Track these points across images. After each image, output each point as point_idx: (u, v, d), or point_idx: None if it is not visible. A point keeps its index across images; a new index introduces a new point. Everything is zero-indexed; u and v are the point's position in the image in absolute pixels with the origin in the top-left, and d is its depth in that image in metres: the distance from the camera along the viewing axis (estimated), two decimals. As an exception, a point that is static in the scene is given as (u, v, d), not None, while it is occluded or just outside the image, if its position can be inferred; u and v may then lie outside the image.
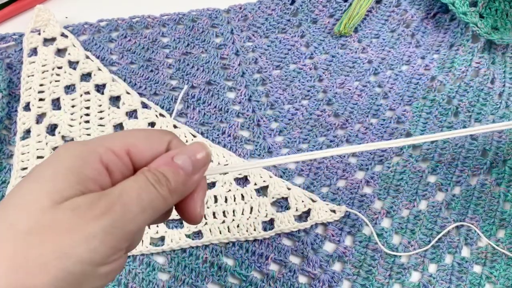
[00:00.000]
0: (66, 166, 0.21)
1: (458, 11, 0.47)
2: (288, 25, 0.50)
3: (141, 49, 0.47)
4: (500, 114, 0.44)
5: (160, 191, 0.22)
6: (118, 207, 0.20)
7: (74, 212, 0.20)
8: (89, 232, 0.19)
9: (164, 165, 0.23)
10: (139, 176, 0.22)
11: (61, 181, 0.20)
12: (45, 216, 0.19)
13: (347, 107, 0.45)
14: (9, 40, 0.47)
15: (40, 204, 0.19)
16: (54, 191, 0.20)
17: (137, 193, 0.21)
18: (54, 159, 0.22)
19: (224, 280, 0.36)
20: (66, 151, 0.22)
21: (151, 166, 0.23)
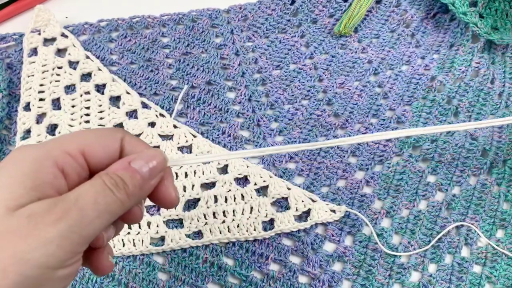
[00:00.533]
0: (22, 171, 0.21)
1: (458, 11, 0.47)
2: (288, 25, 0.50)
3: (141, 49, 0.47)
4: (500, 114, 0.44)
5: (117, 195, 0.22)
6: (74, 212, 0.21)
7: (29, 219, 0.20)
8: (46, 237, 0.20)
9: (122, 169, 0.23)
10: (96, 180, 0.22)
11: (16, 187, 0.21)
12: (1, 223, 0.20)
13: (347, 107, 0.45)
14: (9, 40, 0.47)
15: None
16: (9, 198, 0.20)
17: (94, 198, 0.22)
18: (9, 164, 0.22)
19: (224, 280, 0.36)
20: (21, 155, 0.22)
21: (108, 170, 0.23)
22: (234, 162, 0.40)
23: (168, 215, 0.38)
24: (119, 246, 0.37)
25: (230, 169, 0.40)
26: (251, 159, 0.42)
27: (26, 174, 0.21)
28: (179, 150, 0.41)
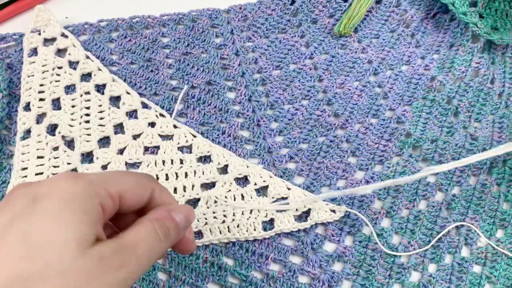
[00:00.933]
0: (80, 207, 0.23)
1: (458, 11, 0.47)
2: (288, 25, 0.50)
3: (141, 49, 0.47)
4: (500, 114, 0.44)
5: (165, 244, 0.25)
6: (133, 260, 0.23)
7: (101, 261, 0.22)
8: (112, 281, 0.22)
9: (168, 219, 0.26)
10: (150, 227, 0.25)
11: (81, 224, 0.22)
12: (76, 261, 0.21)
13: (347, 107, 0.45)
14: (9, 40, 0.47)
15: (70, 248, 0.21)
16: (79, 237, 0.22)
17: (149, 246, 0.24)
18: (63, 195, 0.23)
19: (224, 280, 0.36)
20: (70, 189, 0.23)
21: (156, 217, 0.26)
22: (234, 162, 0.40)
23: (168, 215, 0.38)
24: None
25: (230, 169, 0.40)
26: (251, 159, 0.42)
27: (84, 211, 0.23)
28: (179, 150, 0.41)
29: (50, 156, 0.40)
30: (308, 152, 0.42)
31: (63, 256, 0.21)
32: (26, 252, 0.21)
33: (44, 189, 0.23)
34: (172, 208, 0.27)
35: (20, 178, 0.39)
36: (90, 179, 0.24)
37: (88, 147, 0.41)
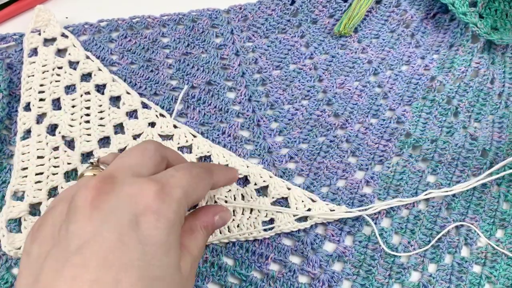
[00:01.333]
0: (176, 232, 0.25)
1: (458, 11, 0.47)
2: (288, 25, 0.50)
3: (141, 49, 0.47)
4: (499, 114, 0.44)
5: (206, 242, 0.29)
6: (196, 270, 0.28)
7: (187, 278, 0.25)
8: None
9: (211, 225, 0.29)
10: (204, 235, 0.29)
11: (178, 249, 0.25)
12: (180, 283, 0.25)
13: (347, 107, 0.45)
14: (9, 40, 0.47)
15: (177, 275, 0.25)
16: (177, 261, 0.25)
17: (200, 250, 0.28)
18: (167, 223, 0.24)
19: (224, 280, 0.36)
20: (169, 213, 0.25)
21: (205, 222, 0.29)
22: (234, 162, 0.40)
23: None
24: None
25: (230, 169, 0.40)
26: (251, 159, 0.42)
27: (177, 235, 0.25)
28: (179, 150, 0.41)
29: (50, 156, 0.40)
30: (308, 152, 0.42)
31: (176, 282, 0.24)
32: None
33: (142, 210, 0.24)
34: (217, 211, 0.30)
35: (20, 178, 0.39)
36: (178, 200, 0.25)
37: (88, 147, 0.41)
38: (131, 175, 0.25)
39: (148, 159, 0.27)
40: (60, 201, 0.26)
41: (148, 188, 0.24)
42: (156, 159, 0.28)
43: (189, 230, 0.28)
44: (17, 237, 0.36)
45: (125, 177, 0.25)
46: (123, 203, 0.24)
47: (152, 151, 0.28)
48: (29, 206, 0.38)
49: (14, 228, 0.37)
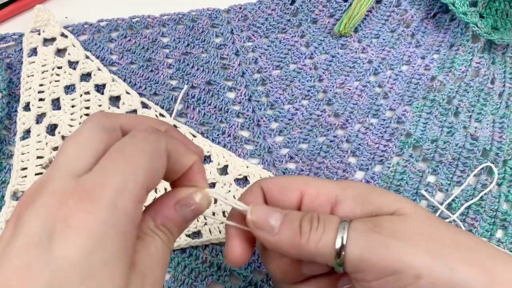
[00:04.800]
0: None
1: (458, 11, 0.47)
2: (288, 25, 0.50)
3: (141, 49, 0.47)
4: (500, 114, 0.44)
5: (169, 246, 0.23)
6: (150, 277, 0.21)
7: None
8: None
9: (171, 221, 0.23)
10: (158, 241, 0.23)
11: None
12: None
13: (347, 107, 0.45)
14: (9, 40, 0.47)
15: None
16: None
17: (158, 260, 0.22)
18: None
19: (224, 280, 0.36)
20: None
21: (161, 219, 0.23)
22: (234, 162, 0.40)
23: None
24: (119, 246, 0.37)
25: (230, 169, 0.40)
26: (251, 159, 0.42)
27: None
28: (179, 150, 0.41)
29: (50, 156, 0.40)
30: (308, 152, 0.42)
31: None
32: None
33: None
34: (179, 199, 0.24)
35: (20, 178, 0.39)
36: (109, 205, 0.20)
37: (88, 147, 0.41)
38: (60, 178, 0.20)
39: (83, 147, 0.21)
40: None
41: (67, 195, 0.19)
42: (94, 143, 0.22)
43: (138, 237, 0.22)
44: (16, 237, 0.36)
45: (51, 182, 0.20)
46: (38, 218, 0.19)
47: (87, 134, 0.22)
48: (28, 206, 0.38)
49: (14, 228, 0.37)
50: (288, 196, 0.26)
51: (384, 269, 0.22)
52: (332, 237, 0.23)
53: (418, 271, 0.22)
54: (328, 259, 0.24)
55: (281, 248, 0.24)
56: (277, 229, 0.24)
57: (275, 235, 0.24)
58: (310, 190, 0.26)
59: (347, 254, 0.23)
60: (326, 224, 0.24)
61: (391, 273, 0.22)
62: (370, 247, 0.23)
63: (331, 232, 0.23)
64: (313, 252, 0.24)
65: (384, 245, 0.23)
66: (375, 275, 0.23)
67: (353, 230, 0.23)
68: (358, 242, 0.23)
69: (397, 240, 0.23)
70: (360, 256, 0.23)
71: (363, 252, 0.23)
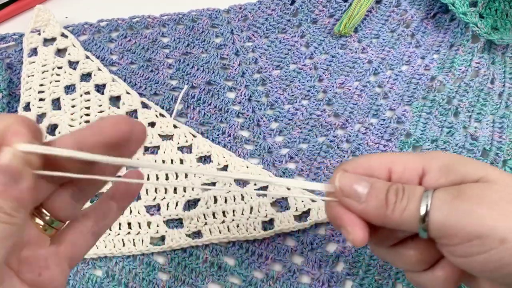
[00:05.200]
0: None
1: (458, 11, 0.47)
2: (288, 25, 0.50)
3: (141, 49, 0.47)
4: (500, 114, 0.44)
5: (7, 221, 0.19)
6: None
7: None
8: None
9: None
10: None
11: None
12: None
13: (347, 107, 0.45)
14: (9, 40, 0.47)
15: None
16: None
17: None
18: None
19: (224, 280, 0.36)
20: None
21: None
22: (234, 162, 0.40)
23: (168, 215, 0.38)
24: (119, 246, 0.37)
25: (230, 169, 0.40)
26: (251, 159, 0.42)
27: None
28: (179, 150, 0.41)
29: (50, 156, 0.40)
30: (308, 152, 0.42)
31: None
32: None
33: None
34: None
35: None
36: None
37: (88, 147, 0.41)
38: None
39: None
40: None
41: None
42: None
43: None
44: (17, 237, 0.36)
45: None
46: None
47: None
48: (29, 206, 0.38)
49: (14, 228, 0.37)
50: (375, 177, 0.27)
51: (468, 234, 0.23)
52: (416, 206, 0.24)
53: (502, 235, 0.22)
54: (413, 227, 0.24)
55: (367, 216, 0.25)
56: (364, 198, 0.25)
57: (362, 203, 0.25)
58: (396, 167, 0.27)
59: (431, 221, 0.24)
60: (410, 195, 0.25)
61: (475, 237, 0.23)
62: (454, 214, 0.23)
63: (415, 202, 0.24)
64: (398, 221, 0.25)
65: (467, 211, 0.23)
66: (460, 240, 0.23)
67: (436, 198, 0.24)
68: (441, 209, 0.23)
69: (480, 206, 0.23)
70: (444, 223, 0.23)
71: (446, 219, 0.23)
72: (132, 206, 0.38)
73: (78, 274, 0.36)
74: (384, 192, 0.25)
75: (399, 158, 0.27)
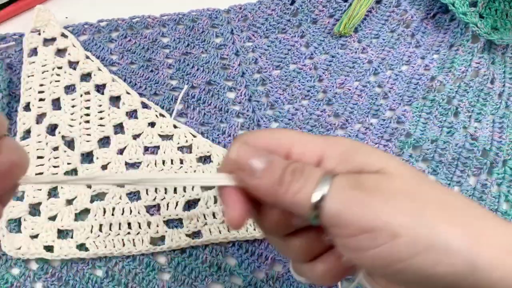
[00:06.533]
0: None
1: (458, 11, 0.47)
2: (288, 25, 0.50)
3: (141, 49, 0.47)
4: (500, 114, 0.44)
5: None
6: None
7: None
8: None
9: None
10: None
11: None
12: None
13: (347, 107, 0.45)
14: (9, 40, 0.47)
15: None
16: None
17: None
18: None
19: (224, 280, 0.36)
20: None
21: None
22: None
23: (168, 215, 0.38)
24: (119, 246, 0.37)
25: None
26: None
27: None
28: (179, 150, 0.41)
29: (50, 156, 0.40)
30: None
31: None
32: None
33: None
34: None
35: (20, 178, 0.39)
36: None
37: (88, 147, 0.41)
38: None
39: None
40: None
41: None
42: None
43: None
44: (17, 237, 0.36)
45: None
46: None
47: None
48: (29, 206, 0.38)
49: (14, 228, 0.37)
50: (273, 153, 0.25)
51: (361, 227, 0.22)
52: (311, 190, 0.23)
53: (395, 230, 0.21)
54: (304, 211, 0.23)
55: (259, 192, 0.24)
56: (259, 173, 0.24)
57: (256, 179, 0.24)
58: (296, 148, 0.25)
59: (324, 208, 0.22)
60: (308, 176, 0.23)
61: (368, 230, 0.21)
62: (348, 204, 0.22)
63: (311, 185, 0.23)
64: (290, 203, 0.23)
65: (362, 202, 0.22)
66: (351, 231, 0.22)
67: (334, 185, 0.23)
68: (336, 197, 0.22)
69: (376, 198, 0.22)
70: (337, 212, 0.22)
71: (340, 208, 0.22)
72: (132, 206, 0.38)
73: (78, 274, 0.36)
74: (281, 169, 0.24)
75: (301, 139, 0.25)
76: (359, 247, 0.22)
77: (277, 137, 0.26)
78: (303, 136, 0.26)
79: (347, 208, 0.22)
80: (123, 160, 0.41)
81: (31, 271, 0.36)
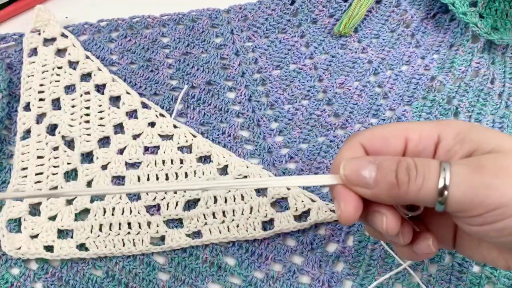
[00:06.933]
0: None
1: (458, 11, 0.47)
2: (288, 25, 0.50)
3: (141, 49, 0.47)
4: (500, 114, 0.44)
5: None
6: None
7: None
8: None
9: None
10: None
11: None
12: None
13: (347, 107, 0.45)
14: (9, 40, 0.47)
15: None
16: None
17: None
18: None
19: (224, 280, 0.36)
20: None
21: None
22: (234, 162, 0.40)
23: (168, 215, 0.38)
24: (119, 246, 0.37)
25: (230, 169, 0.40)
26: (251, 159, 0.42)
27: None
28: (179, 150, 0.41)
29: (50, 156, 0.40)
30: (308, 152, 0.42)
31: None
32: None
33: None
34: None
35: (20, 178, 0.39)
36: None
37: (88, 147, 0.41)
38: None
39: None
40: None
41: None
42: None
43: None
44: (17, 237, 0.36)
45: None
46: None
47: None
48: (29, 206, 0.38)
49: (14, 228, 0.37)
50: (392, 146, 0.27)
51: (488, 206, 0.23)
52: (434, 184, 0.24)
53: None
54: (429, 203, 0.25)
55: (380, 199, 0.25)
56: (373, 183, 0.25)
57: (372, 189, 0.25)
58: (412, 135, 0.26)
59: (450, 198, 0.24)
60: (425, 172, 0.24)
61: (494, 209, 0.23)
62: (473, 189, 0.23)
63: (432, 180, 0.24)
64: (414, 199, 0.25)
65: (486, 185, 0.23)
66: (478, 212, 0.24)
67: (455, 172, 0.24)
68: (461, 185, 0.24)
69: (499, 178, 0.23)
70: (464, 198, 0.23)
71: (466, 194, 0.23)
72: (132, 206, 0.38)
73: (78, 274, 0.36)
74: (393, 172, 0.25)
75: (414, 126, 0.27)
76: (485, 222, 0.24)
77: (390, 130, 0.27)
78: (416, 123, 0.27)
79: (473, 193, 0.23)
80: (123, 160, 0.41)
81: (31, 271, 0.36)
